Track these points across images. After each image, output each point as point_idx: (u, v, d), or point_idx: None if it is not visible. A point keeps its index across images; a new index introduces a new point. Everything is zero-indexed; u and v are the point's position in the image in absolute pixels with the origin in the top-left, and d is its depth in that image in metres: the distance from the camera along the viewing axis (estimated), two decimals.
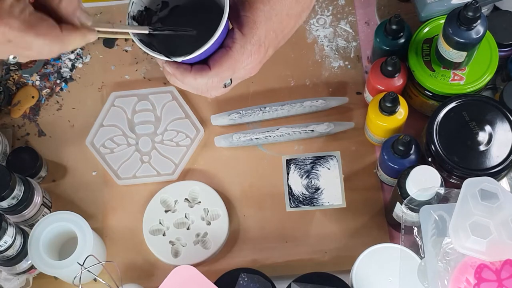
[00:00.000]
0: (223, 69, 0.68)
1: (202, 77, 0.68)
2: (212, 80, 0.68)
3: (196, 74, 0.68)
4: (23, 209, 0.90)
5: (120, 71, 1.06)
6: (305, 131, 0.97)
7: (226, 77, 0.69)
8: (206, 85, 0.69)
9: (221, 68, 0.68)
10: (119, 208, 0.97)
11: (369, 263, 0.82)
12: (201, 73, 0.68)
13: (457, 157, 0.84)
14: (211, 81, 0.68)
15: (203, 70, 0.68)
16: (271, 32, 0.71)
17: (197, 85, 0.69)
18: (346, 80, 1.03)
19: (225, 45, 0.68)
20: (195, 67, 0.68)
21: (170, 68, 0.69)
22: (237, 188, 0.97)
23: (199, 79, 0.68)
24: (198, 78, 0.68)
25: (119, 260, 0.92)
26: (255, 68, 0.73)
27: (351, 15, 1.07)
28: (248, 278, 0.83)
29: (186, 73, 0.68)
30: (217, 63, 0.68)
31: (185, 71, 0.68)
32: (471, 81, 0.90)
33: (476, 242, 0.70)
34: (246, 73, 0.73)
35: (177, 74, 0.69)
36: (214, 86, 0.70)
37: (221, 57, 0.68)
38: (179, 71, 0.68)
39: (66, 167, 1.00)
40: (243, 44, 0.68)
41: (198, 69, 0.68)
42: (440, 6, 0.92)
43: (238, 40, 0.68)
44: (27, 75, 1.06)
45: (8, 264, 0.88)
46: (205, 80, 0.68)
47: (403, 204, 0.81)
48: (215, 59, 0.68)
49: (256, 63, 0.72)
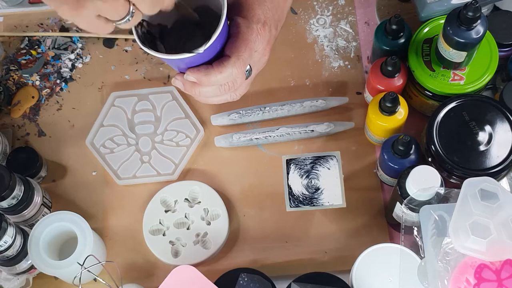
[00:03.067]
0: (241, 51, 0.70)
1: (226, 67, 0.69)
2: (236, 67, 0.70)
3: (219, 66, 0.69)
4: (23, 209, 0.90)
5: (120, 71, 1.06)
6: (305, 131, 0.97)
7: (246, 60, 0.71)
8: (232, 75, 0.70)
9: (239, 51, 0.70)
10: (119, 208, 0.97)
11: (369, 263, 0.82)
12: (223, 64, 0.69)
13: (457, 157, 0.84)
14: (235, 68, 0.70)
15: (224, 60, 0.70)
16: (268, 11, 0.75)
17: (223, 78, 0.70)
18: (346, 80, 1.03)
19: (232, 33, 0.71)
20: (215, 62, 0.70)
21: (193, 74, 0.70)
22: (237, 188, 0.97)
23: (224, 70, 0.69)
24: (223, 70, 0.69)
25: (119, 260, 0.92)
26: (267, 49, 0.75)
27: (351, 15, 1.07)
28: (248, 278, 0.83)
29: (209, 70, 0.69)
30: (234, 47, 0.70)
31: (208, 69, 0.70)
32: (471, 81, 0.90)
33: (476, 242, 0.70)
34: (260, 56, 0.75)
35: (201, 75, 0.69)
36: (239, 74, 0.71)
37: (234, 42, 0.70)
38: (202, 71, 0.69)
39: (66, 167, 1.00)
40: (248, 24, 0.71)
41: (218, 62, 0.70)
42: (440, 6, 0.92)
43: (242, 23, 0.71)
44: (27, 75, 1.06)
45: (8, 264, 0.88)
46: (229, 69, 0.69)
47: (403, 204, 0.81)
48: (230, 47, 0.70)
49: (265, 43, 0.74)
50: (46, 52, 1.07)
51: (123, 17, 0.61)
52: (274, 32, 0.77)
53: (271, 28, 0.75)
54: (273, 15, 0.76)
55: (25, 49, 1.08)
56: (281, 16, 0.80)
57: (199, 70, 0.70)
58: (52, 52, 1.07)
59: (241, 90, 0.76)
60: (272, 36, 0.76)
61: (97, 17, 0.60)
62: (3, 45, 1.09)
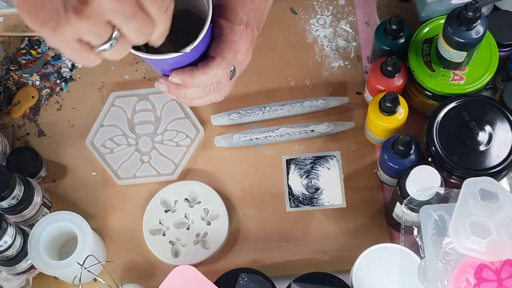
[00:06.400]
0: (225, 52, 0.70)
1: (211, 68, 0.70)
2: (221, 68, 0.70)
3: (204, 67, 0.70)
4: (23, 209, 0.90)
5: (120, 71, 1.06)
6: (305, 131, 0.97)
7: (230, 60, 0.71)
8: (217, 76, 0.70)
9: (223, 52, 0.70)
10: (119, 208, 0.97)
11: (369, 263, 0.82)
12: (208, 65, 0.70)
13: (457, 157, 0.84)
14: (220, 69, 0.70)
15: (209, 61, 0.70)
16: (250, 12, 0.75)
17: (208, 79, 0.70)
18: (346, 80, 1.03)
19: (216, 35, 0.71)
20: (200, 63, 0.70)
21: (178, 75, 0.70)
22: (237, 188, 0.97)
23: (209, 71, 0.70)
24: (208, 71, 0.70)
25: (119, 260, 0.92)
26: (249, 50, 0.76)
27: (351, 15, 1.07)
28: (248, 278, 0.83)
29: (194, 71, 0.70)
30: (218, 48, 0.70)
31: (193, 70, 0.70)
32: (471, 81, 0.90)
33: (476, 242, 0.70)
34: (243, 57, 0.76)
35: (186, 77, 0.70)
36: (224, 75, 0.71)
37: (218, 44, 0.71)
38: (187, 73, 0.70)
39: (66, 167, 1.00)
40: (231, 26, 0.72)
41: (203, 63, 0.70)
42: (440, 6, 0.92)
43: (225, 25, 0.72)
44: (27, 75, 1.06)
45: (8, 264, 0.88)
46: (214, 70, 0.70)
47: (403, 204, 0.81)
48: (214, 48, 0.71)
49: (248, 43, 0.75)
50: (46, 52, 1.07)
51: (106, 41, 0.56)
52: (256, 33, 0.78)
53: (254, 29, 0.76)
54: (255, 16, 0.77)
55: (25, 49, 1.08)
56: (262, 18, 0.81)
57: (184, 71, 0.70)
58: (52, 52, 1.07)
59: (225, 91, 0.76)
60: (255, 37, 0.77)
61: (78, 42, 0.56)
62: (3, 45, 1.09)
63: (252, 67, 1.04)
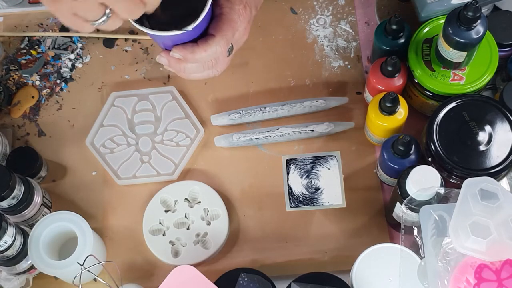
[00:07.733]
0: (224, 30, 0.74)
1: (211, 45, 0.74)
2: (220, 45, 0.74)
3: (204, 44, 0.74)
4: (23, 209, 0.90)
5: (120, 71, 1.06)
6: (305, 131, 0.97)
7: (229, 38, 0.75)
8: (216, 53, 0.75)
9: (222, 30, 0.74)
10: (119, 208, 0.97)
11: (369, 263, 0.82)
12: (208, 42, 0.74)
13: (457, 157, 0.84)
14: (219, 47, 0.74)
15: (209, 39, 0.74)
16: None
17: (208, 56, 0.74)
18: (346, 80, 1.03)
19: (216, 14, 0.75)
20: (200, 40, 0.74)
21: (179, 51, 0.74)
22: (237, 188, 0.97)
23: (209, 48, 0.74)
24: (207, 48, 0.74)
25: (119, 260, 0.92)
26: (247, 29, 0.80)
27: (351, 15, 1.07)
28: (248, 278, 0.83)
29: (195, 47, 0.74)
30: (218, 27, 0.74)
31: (194, 46, 0.74)
32: (471, 81, 0.90)
33: (476, 242, 0.70)
34: (241, 35, 0.79)
35: (187, 53, 0.74)
36: (223, 52, 0.75)
37: (218, 22, 0.75)
38: (188, 49, 0.74)
39: (66, 167, 1.00)
40: (231, 6, 0.76)
41: (203, 40, 0.74)
42: (440, 6, 0.92)
43: (225, 5, 0.76)
44: (27, 75, 1.06)
45: (8, 264, 0.88)
46: (214, 47, 0.74)
47: (403, 204, 0.81)
48: (214, 26, 0.75)
49: (246, 23, 0.79)
50: (46, 52, 1.07)
51: (98, 18, 0.63)
52: (254, 12, 0.82)
53: (252, 9, 0.80)
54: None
55: (25, 49, 1.08)
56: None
57: (185, 47, 0.74)
58: (52, 52, 1.07)
59: (222, 67, 0.80)
60: (252, 16, 0.81)
61: (74, 15, 0.63)
62: (3, 45, 1.09)
63: (252, 67, 1.05)
